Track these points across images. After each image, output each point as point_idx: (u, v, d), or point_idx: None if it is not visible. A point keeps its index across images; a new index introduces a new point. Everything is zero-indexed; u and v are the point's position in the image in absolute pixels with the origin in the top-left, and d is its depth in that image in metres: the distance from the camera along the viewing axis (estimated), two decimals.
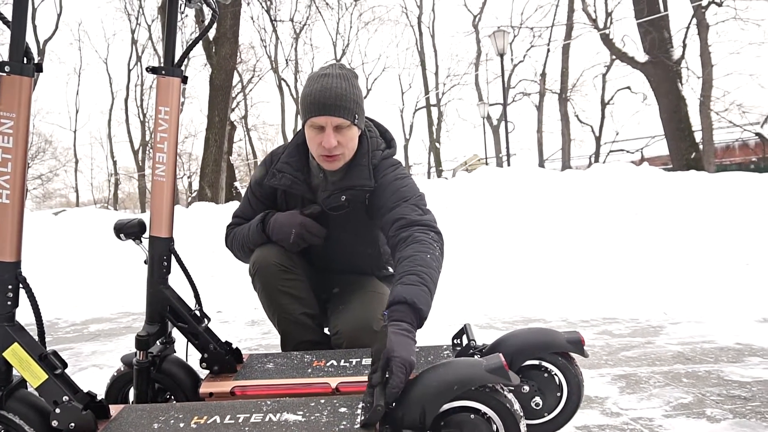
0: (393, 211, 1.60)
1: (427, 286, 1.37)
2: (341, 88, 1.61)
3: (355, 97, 1.64)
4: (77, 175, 35.11)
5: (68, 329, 3.69)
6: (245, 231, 1.83)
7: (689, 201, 5.34)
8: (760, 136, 14.05)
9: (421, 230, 1.52)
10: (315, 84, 1.63)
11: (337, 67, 1.70)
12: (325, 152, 1.64)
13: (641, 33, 11.54)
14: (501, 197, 5.92)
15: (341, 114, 1.60)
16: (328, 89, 1.60)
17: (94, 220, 7.65)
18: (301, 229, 1.71)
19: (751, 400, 1.75)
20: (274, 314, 1.79)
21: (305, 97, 1.64)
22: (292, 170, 1.76)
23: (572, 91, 24.85)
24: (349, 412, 1.25)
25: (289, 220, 1.73)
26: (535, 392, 1.47)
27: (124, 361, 1.59)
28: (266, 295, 1.77)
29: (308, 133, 1.66)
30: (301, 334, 1.78)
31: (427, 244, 1.48)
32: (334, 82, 1.62)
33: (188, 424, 1.23)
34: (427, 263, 1.41)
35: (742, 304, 3.11)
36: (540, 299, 3.53)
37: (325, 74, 1.65)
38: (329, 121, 1.61)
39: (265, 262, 1.74)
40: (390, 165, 1.75)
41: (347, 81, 1.64)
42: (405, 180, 1.70)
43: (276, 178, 1.77)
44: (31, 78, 1.21)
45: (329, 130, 1.61)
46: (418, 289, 1.34)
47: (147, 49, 29.81)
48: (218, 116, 11.41)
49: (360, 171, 1.70)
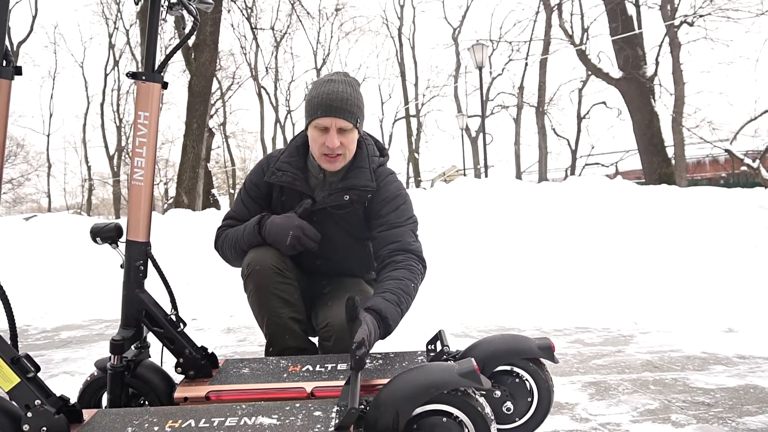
0: (392, 231, 1.75)
1: (401, 308, 1.57)
2: (347, 93, 1.73)
3: (358, 102, 1.76)
4: (50, 180, 34.47)
5: (38, 336, 3.62)
6: (239, 232, 1.84)
7: (661, 214, 5.47)
8: (730, 152, 14.42)
9: (414, 260, 1.70)
10: (322, 88, 1.73)
11: (342, 74, 1.81)
12: (328, 152, 1.73)
13: (616, 50, 11.81)
14: (478, 208, 5.98)
15: (346, 116, 1.71)
16: (335, 93, 1.71)
17: (66, 226, 7.51)
18: (298, 231, 1.74)
19: (714, 406, 1.81)
20: (263, 317, 1.79)
21: (312, 99, 1.74)
22: (293, 169, 1.83)
23: (549, 105, 25.26)
24: (324, 415, 1.27)
25: (286, 222, 1.75)
26: (506, 397, 1.51)
27: (98, 366, 1.58)
28: (258, 296, 1.77)
29: (312, 133, 1.75)
30: (288, 340, 1.79)
31: (415, 274, 1.68)
32: (340, 87, 1.73)
33: (162, 428, 1.24)
34: (409, 291, 1.62)
35: (709, 314, 3.19)
36: (515, 309, 3.58)
37: (331, 80, 1.76)
38: (334, 122, 1.71)
39: (261, 263, 1.75)
40: (389, 173, 1.88)
41: (352, 87, 1.76)
42: (405, 198, 1.85)
43: (276, 176, 1.83)
44: (9, 80, 1.21)
45: (333, 131, 1.71)
46: (393, 308, 1.53)
47: (125, 54, 29.52)
48: (196, 123, 11.32)
49: (362, 173, 1.81)
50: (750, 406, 1.79)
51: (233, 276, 1.89)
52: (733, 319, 3.06)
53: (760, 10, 12.58)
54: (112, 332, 3.52)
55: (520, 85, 25.95)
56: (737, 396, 1.90)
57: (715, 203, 5.67)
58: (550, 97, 25.25)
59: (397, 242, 1.72)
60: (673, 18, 14.52)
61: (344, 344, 1.73)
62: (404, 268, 1.65)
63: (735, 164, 16.99)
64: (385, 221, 1.78)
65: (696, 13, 13.77)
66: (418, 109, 30.73)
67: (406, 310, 1.60)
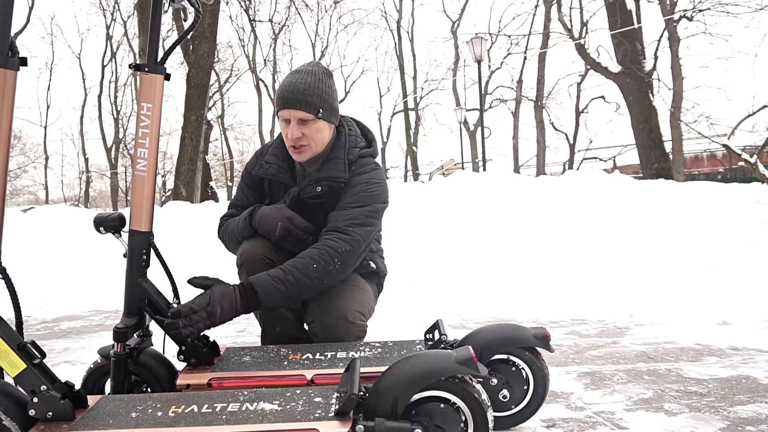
0: (338, 212, 1.74)
1: (285, 286, 1.57)
2: (305, 84, 1.72)
3: (319, 92, 1.73)
4: (47, 172, 34.41)
5: (39, 326, 3.64)
6: (235, 224, 1.87)
7: (658, 208, 5.50)
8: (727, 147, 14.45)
9: (336, 237, 1.67)
10: (286, 80, 1.76)
11: (311, 65, 1.81)
12: (291, 143, 1.76)
13: (615, 44, 11.81)
14: (476, 201, 6.01)
15: (303, 107, 1.72)
16: (294, 84, 1.72)
17: (64, 218, 7.52)
18: (286, 222, 1.76)
19: (707, 395, 1.84)
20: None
21: (276, 92, 1.78)
22: (278, 161, 1.86)
23: (548, 99, 25.28)
24: (324, 401, 1.29)
25: (275, 213, 1.78)
26: (502, 385, 1.54)
27: (101, 353, 1.61)
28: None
29: (280, 125, 1.79)
30: (282, 328, 1.82)
31: (326, 254, 1.63)
32: (301, 78, 1.73)
33: (166, 413, 1.26)
34: (307, 270, 1.60)
35: (704, 307, 3.23)
36: (512, 301, 3.61)
37: (297, 71, 1.77)
38: (292, 114, 1.73)
39: (252, 254, 1.78)
40: (367, 164, 1.84)
41: (315, 77, 1.74)
42: (372, 186, 1.79)
43: (263, 169, 1.88)
44: (15, 71, 1.23)
45: (293, 122, 1.74)
46: (272, 283, 1.56)
47: (122, 46, 29.41)
48: (195, 115, 11.31)
49: (335, 164, 1.80)
50: (742, 396, 1.83)
51: (232, 266, 1.92)
52: (728, 312, 3.10)
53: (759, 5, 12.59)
54: (111, 323, 3.54)
55: (518, 78, 25.95)
56: (729, 386, 1.93)
57: (711, 198, 5.70)
58: (549, 91, 25.26)
59: (333, 221, 1.73)
60: (672, 12, 14.51)
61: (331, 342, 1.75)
62: (318, 248, 1.65)
63: (732, 159, 17.03)
64: (340, 204, 1.77)
65: (695, 8, 13.77)
66: (417, 103, 30.72)
67: (296, 288, 1.58)
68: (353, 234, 1.69)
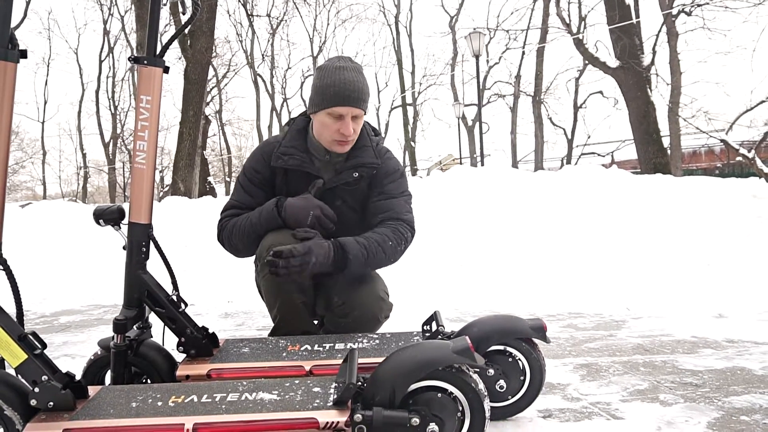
0: (387, 201, 1.88)
1: (367, 252, 1.71)
2: (360, 83, 1.80)
3: (368, 89, 1.84)
4: (45, 168, 34.34)
5: (38, 320, 3.65)
6: (253, 218, 1.83)
7: (655, 203, 5.52)
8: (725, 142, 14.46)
9: (403, 226, 1.85)
10: (335, 76, 1.77)
11: (348, 60, 1.86)
12: (342, 138, 1.81)
13: (613, 39, 11.81)
14: (474, 196, 6.02)
15: (360, 105, 1.79)
16: (351, 83, 1.77)
17: (62, 213, 7.52)
18: (318, 211, 1.78)
19: (702, 386, 1.86)
20: (276, 299, 1.80)
21: (327, 88, 1.77)
22: (299, 152, 1.88)
23: (546, 94, 25.26)
24: (323, 391, 1.31)
25: (306, 203, 1.78)
26: (499, 375, 1.55)
27: (101, 345, 1.62)
28: (275, 280, 1.72)
29: (324, 119, 1.80)
30: (297, 323, 1.82)
31: (399, 235, 1.81)
32: (354, 76, 1.79)
33: (166, 403, 1.27)
34: (384, 245, 1.76)
35: (701, 301, 3.25)
36: (509, 294, 3.63)
37: (342, 67, 1.80)
38: (351, 111, 1.78)
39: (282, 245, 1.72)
40: (387, 151, 1.99)
41: (362, 74, 1.84)
42: (402, 173, 1.99)
43: (283, 160, 1.87)
44: (15, 63, 1.23)
45: (348, 119, 1.78)
46: (358, 247, 1.70)
47: (120, 41, 29.31)
48: (192, 110, 11.30)
49: (366, 151, 1.90)
50: (736, 387, 1.84)
51: (230, 262, 1.92)
52: (724, 306, 3.12)
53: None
54: (110, 317, 3.55)
55: (516, 74, 25.94)
56: (724, 377, 1.95)
57: (709, 193, 5.72)
58: (547, 87, 25.26)
59: (389, 211, 1.87)
60: (670, 7, 14.50)
61: (363, 320, 1.81)
62: (389, 228, 1.81)
63: (730, 154, 17.06)
64: (382, 191, 1.90)
65: (694, 3, 13.76)
66: (415, 98, 30.68)
67: (374, 259, 1.74)
68: (412, 223, 1.90)
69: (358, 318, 1.79)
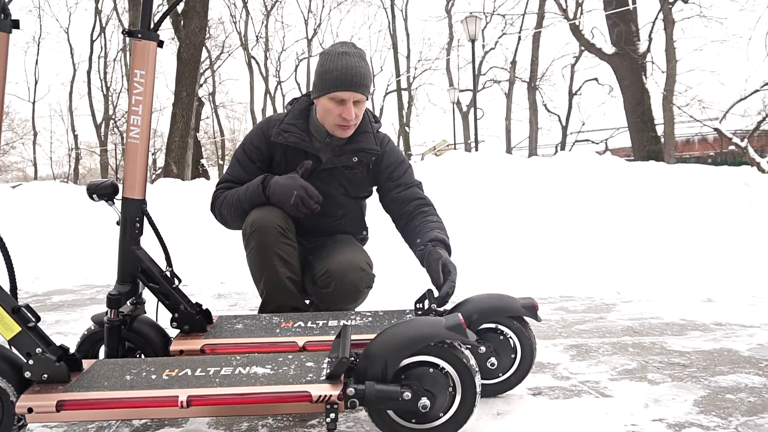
0: (409, 190, 1.98)
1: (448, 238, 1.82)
2: (363, 68, 1.82)
3: (371, 75, 1.87)
4: (35, 149, 34.02)
5: (30, 300, 3.65)
6: (240, 193, 1.87)
7: (648, 190, 5.55)
8: (719, 131, 14.52)
9: (435, 209, 1.97)
10: (338, 61, 1.80)
11: (351, 46, 1.88)
12: (345, 123, 1.83)
13: (609, 25, 11.77)
14: (468, 181, 6.03)
15: (363, 91, 1.82)
16: (354, 68, 1.79)
17: (54, 195, 7.48)
18: (301, 191, 1.79)
19: (689, 366, 1.89)
20: (262, 274, 1.83)
21: (329, 72, 1.80)
22: (299, 131, 1.90)
23: (541, 81, 25.22)
24: (316, 366, 1.32)
25: (290, 182, 1.80)
26: (491, 353, 1.57)
27: (94, 320, 1.62)
28: (260, 254, 1.80)
29: (327, 104, 1.83)
30: (283, 298, 1.84)
31: (440, 218, 1.93)
32: (356, 62, 1.81)
33: (160, 376, 1.28)
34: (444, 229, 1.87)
35: (690, 285, 3.28)
36: (502, 278, 3.65)
37: (345, 52, 1.82)
38: (353, 96, 1.80)
39: (266, 222, 1.79)
40: (388, 138, 2.03)
41: (365, 60, 1.86)
42: (409, 162, 2.07)
43: (283, 137, 1.89)
44: (7, 33, 1.22)
45: (350, 104, 1.80)
46: (447, 239, 1.81)
47: (111, 20, 28.90)
48: (186, 91, 11.19)
49: (368, 137, 1.93)
50: (723, 367, 1.88)
51: (223, 243, 1.93)
52: (713, 290, 3.15)
53: None
54: (103, 297, 3.54)
55: (512, 59, 25.85)
56: (711, 358, 1.98)
57: (701, 180, 5.75)
58: (542, 73, 25.20)
59: (418, 198, 1.96)
60: None
61: (344, 290, 1.84)
62: (436, 214, 1.93)
63: (723, 143, 17.12)
64: (400, 183, 1.98)
65: None
66: (410, 83, 30.55)
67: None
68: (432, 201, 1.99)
69: (339, 287, 1.83)
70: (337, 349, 1.32)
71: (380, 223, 2.31)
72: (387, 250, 3.49)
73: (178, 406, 1.19)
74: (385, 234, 2.55)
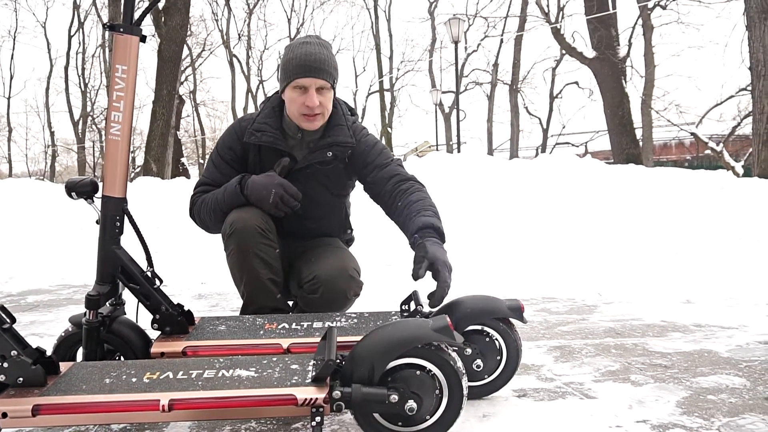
0: (386, 169, 1.87)
1: (439, 218, 1.72)
2: (323, 54, 1.79)
3: (334, 63, 1.82)
4: (10, 145, 33.31)
5: (4, 300, 3.56)
6: (218, 195, 1.83)
7: (627, 192, 5.61)
8: (695, 135, 14.81)
9: (417, 184, 1.85)
10: (299, 50, 1.78)
11: (315, 37, 1.87)
12: (308, 111, 1.78)
13: (590, 29, 11.92)
14: (450, 182, 6.04)
15: (324, 76, 1.77)
16: (313, 54, 1.77)
17: (30, 192, 7.32)
18: (279, 189, 1.76)
19: (671, 368, 1.91)
20: (242, 276, 1.79)
21: (290, 61, 1.78)
22: (272, 129, 1.86)
23: (523, 83, 25.44)
24: (301, 368, 1.30)
25: (268, 181, 1.77)
26: (476, 355, 1.56)
27: (72, 322, 1.58)
28: (239, 255, 1.77)
29: (291, 94, 1.80)
30: (264, 300, 1.81)
31: (425, 193, 1.83)
32: (316, 49, 1.79)
33: (140, 379, 1.25)
34: (433, 204, 1.78)
35: (670, 287, 3.32)
36: (484, 279, 3.66)
37: (307, 42, 1.81)
38: (313, 82, 1.76)
39: (246, 223, 1.76)
40: (363, 128, 1.96)
41: (327, 49, 1.83)
42: (383, 144, 1.99)
43: (256, 136, 1.85)
44: None
45: (312, 90, 1.76)
46: (436, 219, 1.70)
47: (90, 15, 28.43)
48: (166, 89, 11.06)
49: (341, 130, 1.87)
50: (703, 368, 1.90)
51: (203, 243, 1.90)
52: (692, 292, 3.20)
53: None
54: (80, 297, 3.47)
55: (494, 62, 26.02)
56: (692, 359, 2.00)
57: (679, 183, 5.84)
58: (524, 76, 25.43)
59: (395, 175, 1.85)
60: (647, 0, 14.67)
61: (332, 297, 1.80)
62: (417, 191, 1.81)
63: (700, 147, 17.43)
64: (375, 165, 1.88)
65: None
66: (392, 84, 30.57)
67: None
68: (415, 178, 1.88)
69: (327, 294, 1.80)
70: (322, 351, 1.30)
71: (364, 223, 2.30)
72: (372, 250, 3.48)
73: (160, 410, 1.16)
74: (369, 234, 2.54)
